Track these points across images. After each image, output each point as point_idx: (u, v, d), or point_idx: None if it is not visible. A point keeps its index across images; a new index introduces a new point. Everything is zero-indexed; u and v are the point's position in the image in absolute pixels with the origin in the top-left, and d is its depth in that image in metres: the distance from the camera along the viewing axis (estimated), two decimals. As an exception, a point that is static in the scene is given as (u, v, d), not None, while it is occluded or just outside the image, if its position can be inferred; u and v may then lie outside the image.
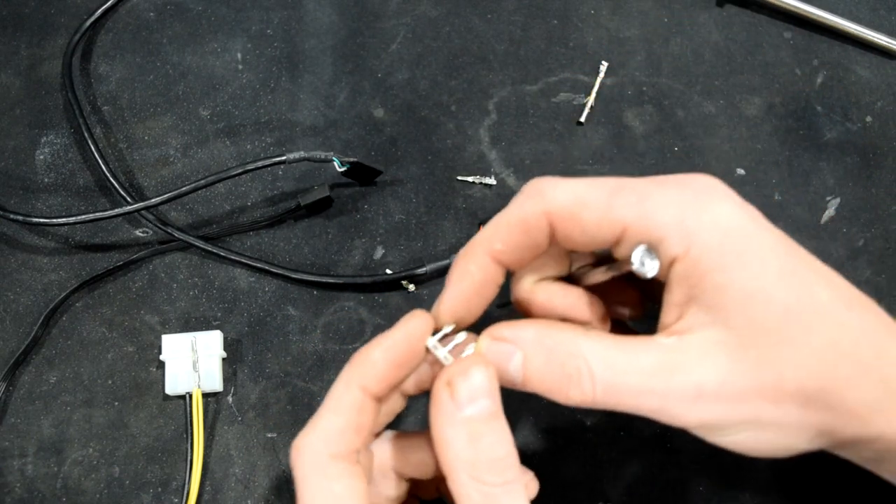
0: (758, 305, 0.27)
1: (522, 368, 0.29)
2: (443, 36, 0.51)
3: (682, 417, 0.28)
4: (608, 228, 0.28)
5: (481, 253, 0.31)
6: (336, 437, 0.29)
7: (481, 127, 0.49)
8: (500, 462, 0.28)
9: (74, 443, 0.41)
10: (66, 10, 0.52)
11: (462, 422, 0.28)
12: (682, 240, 0.27)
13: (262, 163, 0.44)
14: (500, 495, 0.28)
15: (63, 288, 0.44)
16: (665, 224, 0.27)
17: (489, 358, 0.29)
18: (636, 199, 0.28)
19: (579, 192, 0.29)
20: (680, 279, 0.28)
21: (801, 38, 0.52)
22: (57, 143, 0.48)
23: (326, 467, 0.28)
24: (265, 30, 0.51)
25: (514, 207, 0.30)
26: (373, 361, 0.30)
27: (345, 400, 0.29)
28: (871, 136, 0.49)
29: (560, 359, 0.28)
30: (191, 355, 0.42)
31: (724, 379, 0.27)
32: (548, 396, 0.29)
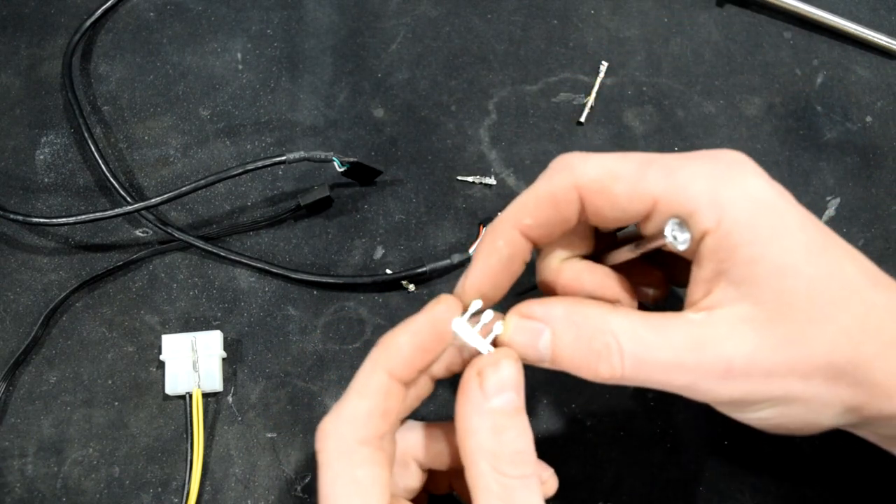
0: (788, 280, 0.27)
1: (551, 346, 0.29)
2: (443, 36, 0.51)
3: (711, 393, 0.28)
4: (639, 202, 0.28)
5: (509, 228, 0.30)
6: (362, 421, 0.29)
7: (481, 127, 0.49)
8: (521, 455, 0.28)
9: (74, 443, 0.41)
10: (66, 10, 0.52)
11: (488, 412, 0.28)
12: (714, 213, 0.27)
13: (262, 163, 0.44)
14: (518, 488, 0.28)
15: (63, 288, 0.44)
16: (696, 197, 0.27)
17: (518, 335, 0.29)
18: (667, 172, 0.28)
19: (609, 166, 0.29)
20: (710, 253, 0.27)
21: (801, 38, 0.52)
22: (57, 143, 0.48)
23: (352, 452, 0.28)
24: (265, 30, 0.51)
25: (542, 182, 0.30)
26: (399, 346, 0.30)
27: (371, 384, 0.29)
28: (871, 136, 0.49)
29: (589, 335, 0.28)
30: (191, 355, 0.42)
31: (753, 354, 0.27)
32: (576, 373, 0.29)
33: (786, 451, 0.41)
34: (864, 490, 0.40)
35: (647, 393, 0.42)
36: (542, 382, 0.43)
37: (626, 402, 0.42)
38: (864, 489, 0.40)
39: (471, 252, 0.44)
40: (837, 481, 0.40)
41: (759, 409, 0.28)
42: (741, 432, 0.41)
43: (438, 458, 0.33)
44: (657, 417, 0.42)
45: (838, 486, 0.40)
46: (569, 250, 0.33)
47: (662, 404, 0.42)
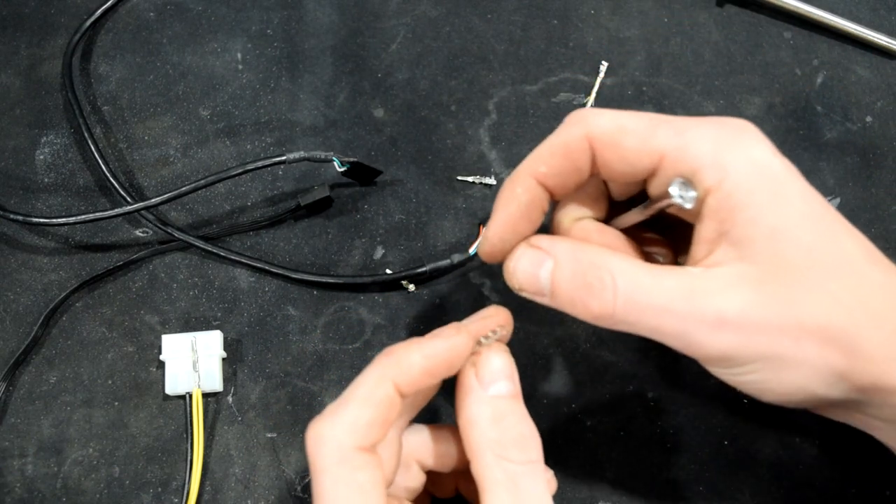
0: (785, 243, 0.27)
1: (551, 276, 0.30)
2: (443, 36, 0.51)
3: (701, 344, 0.28)
4: (647, 157, 0.29)
5: (527, 176, 0.32)
6: (364, 430, 0.29)
7: (481, 127, 0.49)
8: (524, 440, 0.29)
9: (74, 443, 0.41)
10: (66, 10, 0.52)
11: (487, 401, 0.30)
12: (717, 172, 0.28)
13: (262, 163, 0.44)
14: (523, 474, 0.29)
15: (63, 288, 0.44)
16: (701, 156, 0.28)
17: (522, 261, 0.31)
18: (675, 131, 0.29)
19: (621, 121, 0.30)
20: (712, 212, 0.28)
21: (801, 38, 0.52)
22: (57, 143, 0.48)
23: (351, 458, 0.28)
24: (265, 30, 0.51)
25: (557, 133, 0.31)
26: (411, 363, 0.30)
27: (377, 393, 0.29)
28: (871, 136, 0.49)
29: (586, 269, 0.29)
30: (191, 355, 0.42)
31: (745, 309, 0.27)
32: (570, 310, 0.30)
33: (786, 451, 0.41)
34: (865, 490, 0.40)
35: (647, 393, 0.42)
36: (542, 382, 0.43)
37: (626, 402, 0.42)
38: (864, 489, 0.40)
39: (471, 252, 0.44)
40: (837, 481, 0.40)
41: (748, 369, 0.29)
42: (741, 432, 0.41)
43: (442, 459, 0.33)
44: (657, 417, 0.42)
45: (838, 487, 0.40)
46: (582, 210, 0.34)
47: (662, 404, 0.42)
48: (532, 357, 0.43)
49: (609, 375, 0.43)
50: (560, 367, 0.43)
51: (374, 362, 0.30)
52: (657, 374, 0.43)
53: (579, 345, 0.43)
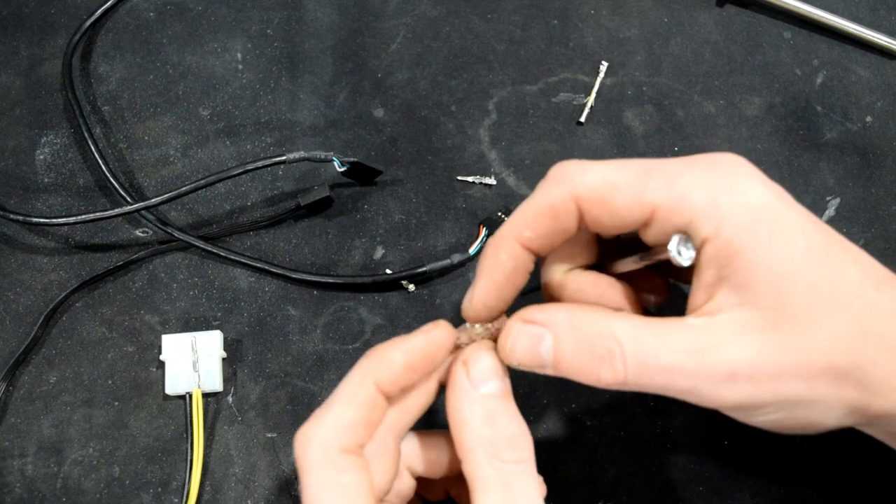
0: (786, 285, 0.27)
1: (553, 351, 0.29)
2: (443, 36, 0.51)
3: (715, 398, 0.28)
4: (638, 211, 0.28)
5: (510, 241, 0.31)
6: (347, 430, 0.29)
7: (481, 127, 0.49)
8: (516, 440, 0.29)
9: (74, 443, 0.41)
10: (66, 10, 0.52)
11: (479, 400, 0.29)
12: (713, 221, 0.27)
13: (262, 163, 0.44)
14: (515, 474, 0.28)
15: (63, 288, 0.44)
16: (695, 205, 0.28)
17: (520, 341, 0.30)
18: (666, 180, 0.28)
19: (608, 176, 0.29)
20: (710, 260, 0.28)
21: (801, 38, 0.52)
22: (57, 143, 0.48)
23: (336, 459, 0.28)
24: (265, 30, 0.51)
25: (540, 193, 0.30)
26: (391, 361, 0.30)
27: (359, 394, 0.29)
28: (871, 136, 0.49)
29: (591, 340, 0.28)
30: (191, 355, 0.42)
31: (755, 359, 0.27)
32: (578, 379, 0.29)
33: (786, 451, 0.41)
34: (865, 490, 0.40)
35: (647, 394, 0.42)
36: (542, 382, 0.43)
37: (626, 402, 0.42)
38: (864, 489, 0.40)
39: (471, 252, 0.44)
40: (838, 481, 0.40)
41: (764, 412, 0.28)
42: (741, 432, 0.41)
43: (432, 465, 0.33)
44: (657, 417, 0.42)
45: (838, 487, 0.40)
46: (571, 261, 0.33)
47: (662, 404, 0.42)
48: (532, 357, 0.43)
49: (609, 375, 0.43)
50: (560, 367, 0.43)
51: (357, 364, 0.30)
52: (657, 374, 0.43)
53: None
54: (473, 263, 0.45)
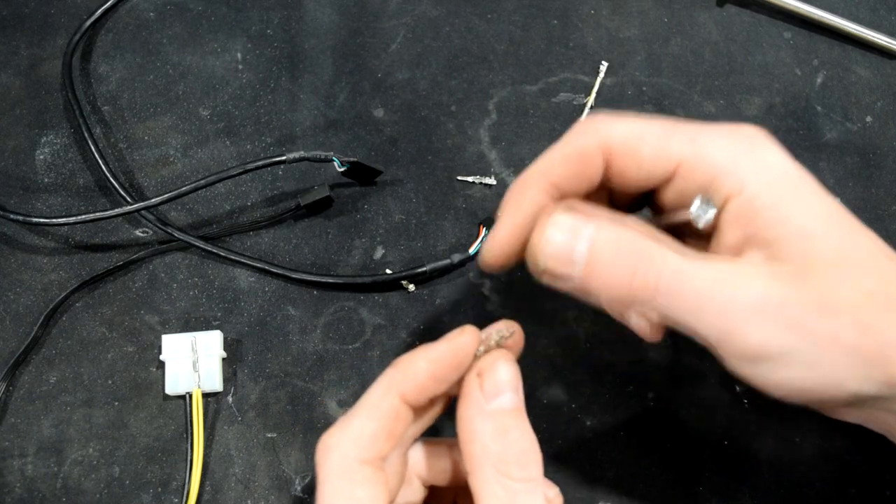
0: (813, 242, 0.27)
1: (588, 251, 0.28)
2: (443, 36, 0.51)
3: (739, 333, 0.27)
4: (663, 164, 0.29)
5: (536, 184, 0.30)
6: (368, 441, 0.29)
7: (481, 127, 0.49)
8: (526, 456, 0.28)
9: (74, 443, 0.41)
10: (66, 10, 0.52)
11: (490, 414, 0.29)
12: (736, 178, 0.28)
13: (262, 163, 0.44)
14: (523, 492, 0.28)
15: (63, 288, 0.44)
16: (720, 162, 0.28)
17: (557, 233, 0.29)
18: (691, 137, 0.29)
19: (635, 128, 0.29)
20: (733, 219, 0.28)
21: (801, 38, 0.52)
22: (57, 143, 0.48)
23: (353, 471, 0.28)
24: (265, 30, 0.51)
25: (569, 139, 0.30)
26: (415, 370, 0.29)
27: (383, 405, 0.29)
28: (871, 136, 0.49)
29: (629, 244, 0.28)
30: (191, 355, 0.42)
31: (786, 297, 0.27)
32: (605, 284, 0.28)
33: (786, 451, 0.41)
34: (865, 490, 0.40)
35: (647, 393, 0.42)
36: (541, 382, 0.43)
37: (626, 402, 0.42)
38: (864, 489, 0.40)
39: (471, 252, 0.44)
40: (837, 481, 0.40)
41: (782, 364, 0.28)
42: (741, 432, 0.41)
43: (442, 474, 0.32)
44: (657, 417, 0.42)
45: (838, 487, 0.40)
46: None
47: (662, 404, 0.42)
48: (532, 357, 0.43)
49: (609, 375, 0.43)
50: (560, 367, 0.43)
51: (383, 373, 0.30)
52: (657, 374, 0.43)
53: (579, 345, 0.43)
54: (473, 263, 0.45)
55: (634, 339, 0.40)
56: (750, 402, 0.42)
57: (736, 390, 0.42)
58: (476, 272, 0.45)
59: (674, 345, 0.43)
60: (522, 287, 0.44)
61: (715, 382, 0.43)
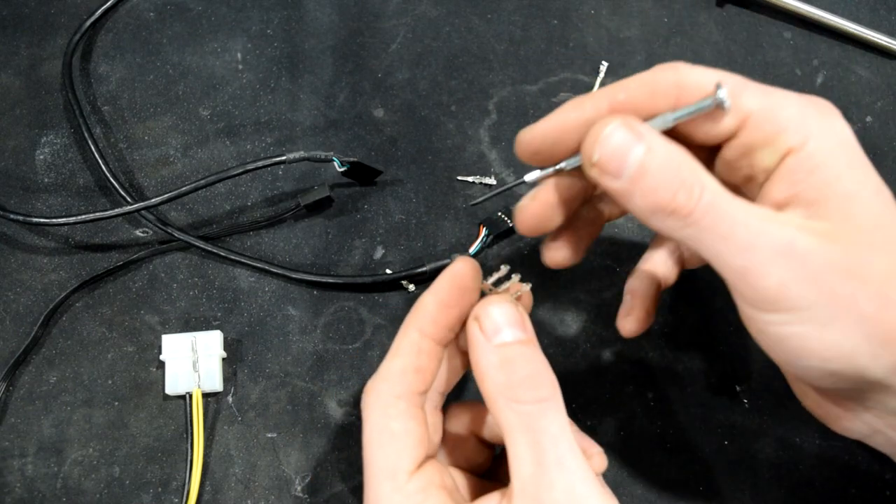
0: (857, 207, 0.28)
1: (644, 152, 0.28)
2: (443, 36, 0.51)
3: (762, 271, 0.27)
4: (733, 114, 0.30)
5: (601, 96, 0.31)
6: (397, 377, 0.31)
7: (481, 127, 0.49)
8: (531, 379, 0.29)
9: (74, 443, 0.41)
10: (66, 10, 0.52)
11: (493, 349, 0.30)
12: (801, 135, 0.29)
13: (262, 163, 0.44)
14: (535, 413, 0.29)
15: (63, 288, 0.44)
16: (787, 118, 0.29)
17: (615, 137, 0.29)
18: (763, 93, 0.30)
19: (713, 76, 0.30)
20: (788, 172, 0.29)
21: (801, 38, 0.52)
22: (57, 143, 0.48)
23: (388, 406, 0.30)
24: (265, 30, 0.51)
25: (647, 72, 0.31)
26: (424, 304, 0.32)
27: (404, 343, 0.32)
28: (871, 136, 0.49)
29: (681, 162, 0.28)
30: (191, 355, 0.42)
31: (814, 247, 0.27)
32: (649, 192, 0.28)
33: (786, 451, 0.41)
34: (865, 490, 0.40)
35: (647, 393, 0.42)
36: (542, 382, 0.43)
37: (626, 402, 0.42)
38: (864, 489, 0.40)
39: (471, 252, 0.44)
40: (837, 481, 0.40)
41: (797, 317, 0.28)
42: (741, 432, 0.41)
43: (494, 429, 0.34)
44: (657, 417, 0.42)
45: (838, 487, 0.40)
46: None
47: (662, 404, 0.42)
48: (532, 357, 0.43)
49: (609, 375, 0.43)
50: (560, 367, 0.43)
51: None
52: (657, 374, 0.43)
53: (579, 345, 0.43)
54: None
55: (634, 338, 0.40)
56: (750, 402, 0.42)
57: (736, 390, 0.42)
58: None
59: (674, 345, 0.43)
60: (522, 287, 0.44)
61: (715, 382, 0.43)
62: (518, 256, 0.45)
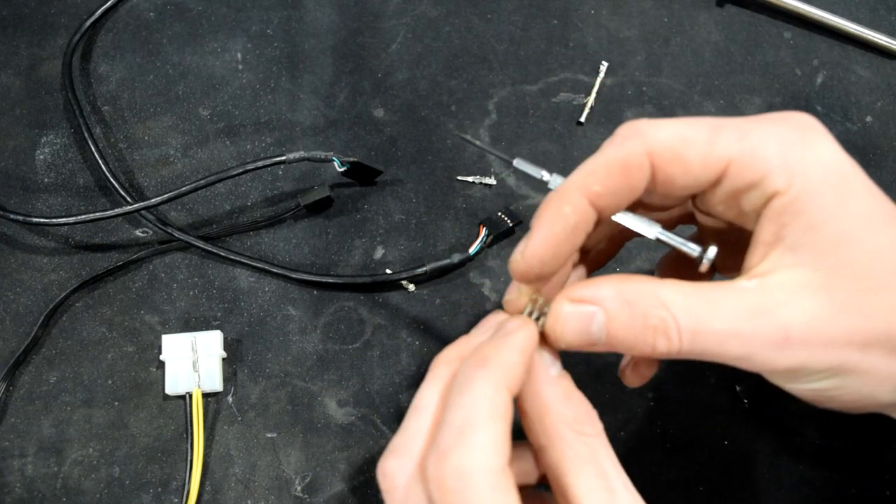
0: (848, 248, 0.26)
1: (605, 327, 0.28)
2: (443, 36, 0.51)
3: (767, 363, 0.27)
4: (712, 166, 0.28)
5: (577, 195, 0.29)
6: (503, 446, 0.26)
7: (481, 127, 0.49)
8: (591, 413, 0.29)
9: (74, 443, 0.41)
10: (66, 10, 0.52)
11: (555, 381, 0.29)
12: (785, 175, 0.27)
13: (262, 163, 0.44)
14: (599, 445, 0.28)
15: (63, 288, 0.44)
16: (769, 159, 0.27)
17: (570, 322, 0.29)
18: (738, 135, 0.28)
19: (681, 131, 0.28)
20: (774, 216, 0.27)
21: (801, 38, 0.52)
22: (57, 143, 0.48)
23: (504, 479, 0.26)
24: (265, 30, 0.51)
25: (612, 148, 0.29)
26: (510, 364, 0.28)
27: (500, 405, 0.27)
28: (871, 136, 0.49)
29: (642, 311, 0.28)
30: (191, 355, 0.42)
31: (811, 322, 0.26)
32: (631, 352, 0.28)
33: (786, 451, 0.41)
34: (865, 490, 0.40)
35: (647, 393, 0.42)
36: (542, 382, 0.43)
37: (626, 402, 0.42)
38: (864, 489, 0.40)
39: (471, 252, 0.44)
40: (837, 481, 0.40)
41: (815, 379, 0.28)
42: (741, 432, 0.41)
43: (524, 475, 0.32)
44: (657, 417, 0.42)
45: (838, 487, 0.40)
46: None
47: (662, 404, 0.42)
48: (532, 357, 0.43)
49: (609, 375, 0.43)
50: (560, 367, 0.43)
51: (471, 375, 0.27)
52: (657, 374, 0.43)
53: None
54: (474, 263, 0.45)
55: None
56: (750, 402, 0.42)
57: (736, 390, 0.42)
58: (476, 272, 0.45)
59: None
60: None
61: (715, 382, 0.43)
62: (518, 256, 0.45)
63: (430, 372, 0.29)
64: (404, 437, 0.28)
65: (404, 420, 0.28)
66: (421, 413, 0.28)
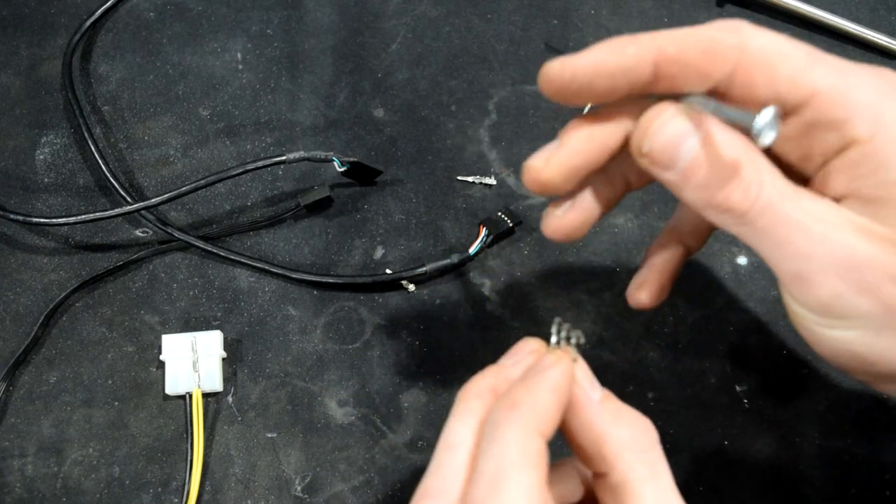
0: None
1: (696, 153, 0.26)
2: (443, 36, 0.51)
3: (817, 278, 0.26)
4: (799, 90, 0.26)
5: (647, 43, 0.27)
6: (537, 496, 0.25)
7: (481, 127, 0.49)
8: (644, 424, 0.29)
9: (74, 443, 0.41)
10: (66, 10, 0.52)
11: (602, 406, 0.28)
12: (871, 124, 0.26)
13: (262, 163, 0.44)
14: (657, 461, 0.28)
15: (63, 288, 0.44)
16: (859, 104, 0.26)
17: (670, 126, 0.27)
18: (836, 70, 0.27)
19: (781, 45, 0.27)
20: (850, 164, 0.26)
21: (801, 37, 0.51)
22: (57, 143, 0.48)
23: None
24: (265, 30, 0.51)
25: (706, 28, 0.27)
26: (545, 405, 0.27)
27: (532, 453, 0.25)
28: (871, 136, 0.49)
29: (740, 153, 0.26)
30: (191, 355, 0.42)
31: (873, 258, 0.25)
32: (703, 186, 0.26)
33: (786, 451, 0.41)
34: (865, 490, 0.40)
35: (647, 393, 0.42)
36: (542, 382, 0.43)
37: (626, 402, 0.42)
38: (864, 489, 0.40)
39: (471, 252, 0.44)
40: (837, 481, 0.40)
41: (848, 324, 0.27)
42: (741, 432, 0.41)
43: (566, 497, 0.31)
44: (657, 417, 0.42)
45: (838, 487, 0.40)
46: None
47: (662, 404, 0.42)
48: (532, 357, 0.43)
49: (609, 375, 0.43)
50: (560, 367, 0.43)
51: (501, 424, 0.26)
52: (657, 374, 0.43)
53: (579, 345, 0.43)
54: (474, 263, 0.45)
55: (634, 338, 0.40)
56: (750, 402, 0.42)
57: (736, 390, 0.42)
58: (476, 272, 0.45)
59: (674, 345, 0.43)
60: (522, 287, 0.44)
61: (715, 382, 0.43)
62: (518, 257, 0.45)
63: (458, 403, 0.27)
64: (437, 478, 0.26)
65: (435, 457, 0.26)
66: (455, 452, 0.26)
